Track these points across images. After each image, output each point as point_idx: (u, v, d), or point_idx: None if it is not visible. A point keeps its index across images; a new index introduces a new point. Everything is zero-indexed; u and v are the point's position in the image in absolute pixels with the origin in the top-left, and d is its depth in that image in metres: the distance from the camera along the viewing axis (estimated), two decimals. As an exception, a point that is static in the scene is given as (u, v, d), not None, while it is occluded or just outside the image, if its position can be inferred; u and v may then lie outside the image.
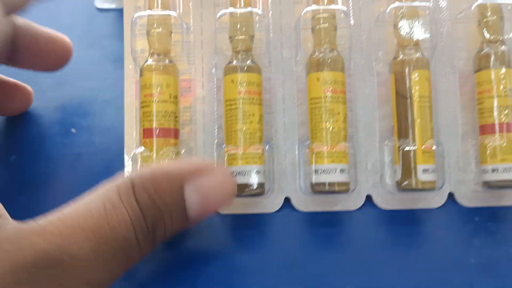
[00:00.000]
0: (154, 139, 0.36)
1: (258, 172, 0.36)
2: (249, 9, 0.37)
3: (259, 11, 0.38)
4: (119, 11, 0.44)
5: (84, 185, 0.30)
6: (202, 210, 0.31)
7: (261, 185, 0.36)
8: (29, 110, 0.42)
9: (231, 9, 0.37)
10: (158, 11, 0.37)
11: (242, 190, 0.35)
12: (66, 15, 0.44)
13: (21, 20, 0.38)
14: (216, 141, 0.38)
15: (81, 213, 0.28)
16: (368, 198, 0.38)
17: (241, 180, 0.35)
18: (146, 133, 0.36)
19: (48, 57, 0.40)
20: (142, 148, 0.36)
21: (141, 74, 0.37)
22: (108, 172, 0.32)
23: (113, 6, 0.46)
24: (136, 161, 0.36)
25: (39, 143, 0.41)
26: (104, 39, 0.43)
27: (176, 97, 0.37)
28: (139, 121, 0.37)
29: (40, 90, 0.42)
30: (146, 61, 0.37)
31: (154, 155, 0.36)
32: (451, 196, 0.38)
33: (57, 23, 0.41)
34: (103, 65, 0.42)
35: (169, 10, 0.38)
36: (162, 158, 0.36)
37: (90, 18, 0.44)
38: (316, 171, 0.36)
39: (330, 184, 0.35)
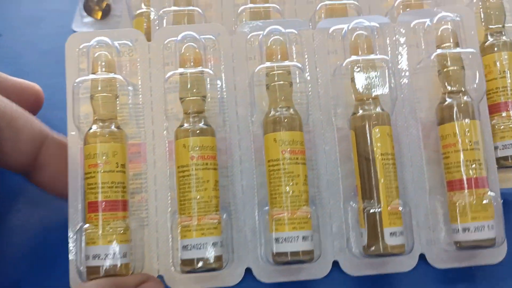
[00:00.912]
0: (100, 213, 0.33)
1: (215, 244, 0.33)
2: (199, 68, 0.35)
3: (210, 71, 0.35)
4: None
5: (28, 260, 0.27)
6: None
7: (218, 258, 0.33)
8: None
9: (180, 70, 0.35)
10: (102, 74, 0.35)
11: (198, 264, 0.33)
12: (43, 39, 0.42)
13: None
14: (169, 209, 0.36)
15: None
16: (335, 263, 0.36)
17: (196, 254, 0.33)
18: (91, 207, 0.33)
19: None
20: (86, 225, 0.33)
21: (85, 142, 0.34)
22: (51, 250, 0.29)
23: (91, 30, 0.45)
24: (80, 238, 0.33)
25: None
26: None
27: (124, 165, 0.34)
28: (83, 193, 0.34)
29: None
30: (90, 128, 0.34)
31: (100, 231, 0.33)
32: (422, 257, 0.36)
33: (33, 49, 0.39)
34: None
35: (114, 72, 0.35)
36: (109, 234, 0.33)
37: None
38: (276, 239, 0.33)
39: (293, 253, 0.33)
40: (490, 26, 0.40)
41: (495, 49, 0.39)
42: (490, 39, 0.39)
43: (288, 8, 0.43)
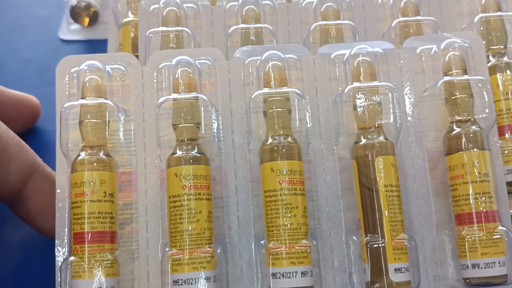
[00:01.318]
0: (86, 245, 0.31)
1: (207, 279, 0.31)
2: (194, 94, 0.34)
3: (205, 96, 0.34)
4: (85, 43, 0.41)
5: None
6: None
7: (211, 294, 0.31)
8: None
9: (174, 95, 0.34)
10: (91, 100, 0.33)
11: (189, 301, 0.31)
12: (28, 47, 0.41)
13: None
14: (161, 241, 0.34)
15: None
16: (336, 301, 0.34)
17: (187, 290, 0.31)
18: (77, 238, 0.31)
19: (17, 120, 0.38)
20: (72, 257, 0.31)
21: (72, 170, 0.32)
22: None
23: (78, 37, 0.44)
24: (65, 272, 0.31)
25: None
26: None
27: (112, 194, 0.32)
28: (69, 224, 0.32)
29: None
30: (78, 155, 0.33)
31: (86, 264, 0.31)
32: (429, 294, 0.34)
33: (17, 57, 0.38)
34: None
35: (105, 97, 0.34)
36: (95, 267, 0.31)
37: (53, 50, 0.41)
38: (274, 275, 0.31)
39: (291, 290, 0.31)
40: (492, 47, 0.39)
41: (498, 70, 0.37)
42: (492, 60, 0.38)
43: (281, 29, 0.42)
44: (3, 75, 0.44)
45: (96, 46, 0.46)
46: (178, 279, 0.31)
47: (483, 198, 0.32)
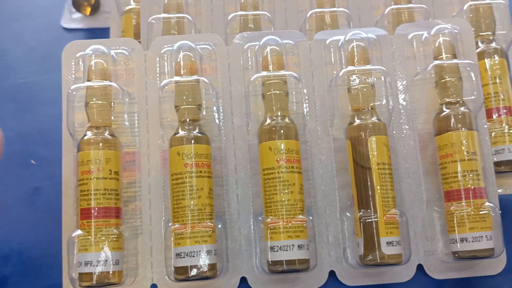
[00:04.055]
0: (93, 220, 0.32)
1: (208, 252, 0.32)
2: (195, 77, 0.35)
3: (206, 79, 0.35)
4: (87, 31, 0.42)
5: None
6: None
7: (212, 266, 0.33)
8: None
9: (176, 78, 0.35)
10: (97, 82, 0.35)
11: (192, 272, 0.32)
12: (31, 35, 0.42)
13: None
14: (163, 218, 0.35)
15: None
16: (332, 273, 0.35)
17: (189, 261, 0.32)
18: (84, 213, 0.33)
19: None
20: (78, 231, 0.33)
21: (78, 149, 0.34)
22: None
23: (80, 26, 0.44)
24: (73, 245, 0.33)
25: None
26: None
27: (117, 172, 0.34)
28: (77, 200, 0.33)
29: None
30: (85, 135, 0.34)
31: (93, 238, 0.32)
32: (420, 267, 0.35)
33: (20, 44, 0.39)
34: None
35: (110, 80, 0.35)
36: (101, 241, 0.32)
37: (56, 38, 0.41)
38: (272, 248, 0.33)
39: (288, 262, 0.32)
40: (481, 34, 0.40)
41: (486, 55, 0.39)
42: (481, 45, 0.39)
43: (279, 17, 0.44)
44: (7, 62, 0.45)
45: (98, 34, 0.47)
46: (181, 252, 0.32)
47: (471, 175, 0.34)
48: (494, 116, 0.38)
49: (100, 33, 0.48)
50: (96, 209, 0.33)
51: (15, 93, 0.40)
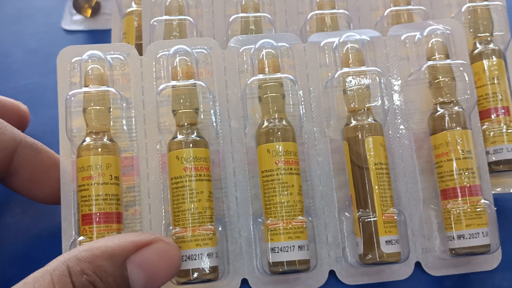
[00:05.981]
0: (94, 225, 0.33)
1: (210, 255, 0.33)
2: (191, 81, 0.35)
3: (203, 83, 0.36)
4: (88, 33, 0.42)
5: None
6: (148, 286, 0.28)
7: (214, 269, 0.33)
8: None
9: (173, 82, 0.35)
10: (94, 88, 0.35)
11: (194, 275, 0.32)
12: (31, 37, 0.41)
13: None
14: (163, 222, 0.35)
15: None
16: (332, 273, 0.36)
17: (191, 265, 0.32)
18: (85, 219, 0.33)
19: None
20: (81, 237, 0.33)
21: (78, 155, 0.34)
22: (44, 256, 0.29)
23: (81, 28, 0.44)
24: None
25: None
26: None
27: (117, 177, 0.34)
28: (77, 205, 0.33)
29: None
30: (84, 140, 0.34)
31: (94, 243, 0.32)
32: (418, 265, 0.36)
33: (21, 46, 0.38)
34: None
35: (107, 85, 0.35)
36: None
37: (57, 40, 0.41)
38: (272, 249, 0.33)
39: (289, 263, 0.33)
40: (479, 35, 0.40)
41: (484, 56, 0.39)
42: (479, 47, 0.40)
43: (279, 19, 0.44)
44: (8, 64, 0.45)
45: (99, 36, 0.47)
46: (182, 256, 0.32)
47: (466, 174, 0.35)
48: (492, 116, 0.38)
49: (101, 35, 0.48)
50: (98, 214, 0.33)
51: (17, 95, 0.40)
